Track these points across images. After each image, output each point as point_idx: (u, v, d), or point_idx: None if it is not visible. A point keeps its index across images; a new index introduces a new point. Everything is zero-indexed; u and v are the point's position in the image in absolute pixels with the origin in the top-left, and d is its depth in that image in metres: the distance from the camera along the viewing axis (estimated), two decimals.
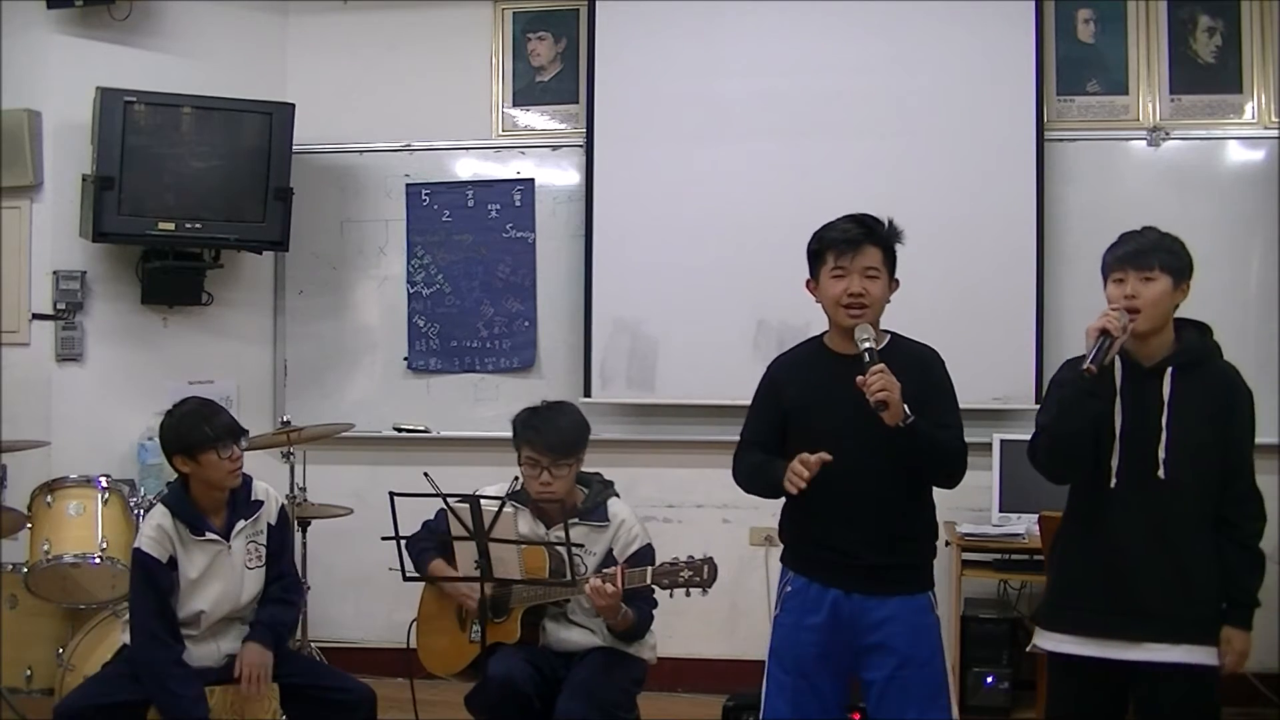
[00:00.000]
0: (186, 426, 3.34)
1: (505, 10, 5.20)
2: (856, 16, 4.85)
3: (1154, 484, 2.67)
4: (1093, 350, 2.61)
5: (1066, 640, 2.75)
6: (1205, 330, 2.79)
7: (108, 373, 4.93)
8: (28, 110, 4.72)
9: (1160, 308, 2.69)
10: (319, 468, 4.69)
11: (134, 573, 3.36)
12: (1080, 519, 2.79)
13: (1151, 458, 2.67)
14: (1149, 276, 2.67)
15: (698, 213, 4.90)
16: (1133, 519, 2.68)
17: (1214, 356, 2.77)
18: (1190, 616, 2.66)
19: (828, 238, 2.84)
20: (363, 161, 5.22)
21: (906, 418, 2.66)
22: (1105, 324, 2.63)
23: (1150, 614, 2.65)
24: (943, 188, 4.72)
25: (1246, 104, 4.76)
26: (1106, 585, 2.69)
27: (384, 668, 4.42)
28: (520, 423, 3.49)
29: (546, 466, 3.40)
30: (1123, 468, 2.69)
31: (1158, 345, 2.72)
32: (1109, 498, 2.70)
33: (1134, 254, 2.70)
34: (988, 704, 4.37)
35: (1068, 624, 2.75)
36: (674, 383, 4.94)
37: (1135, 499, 2.68)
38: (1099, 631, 2.69)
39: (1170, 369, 2.70)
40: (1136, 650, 2.66)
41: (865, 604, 2.79)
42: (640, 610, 3.38)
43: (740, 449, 2.97)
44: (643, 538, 3.48)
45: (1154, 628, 2.65)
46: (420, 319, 5.20)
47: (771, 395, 2.93)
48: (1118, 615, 2.67)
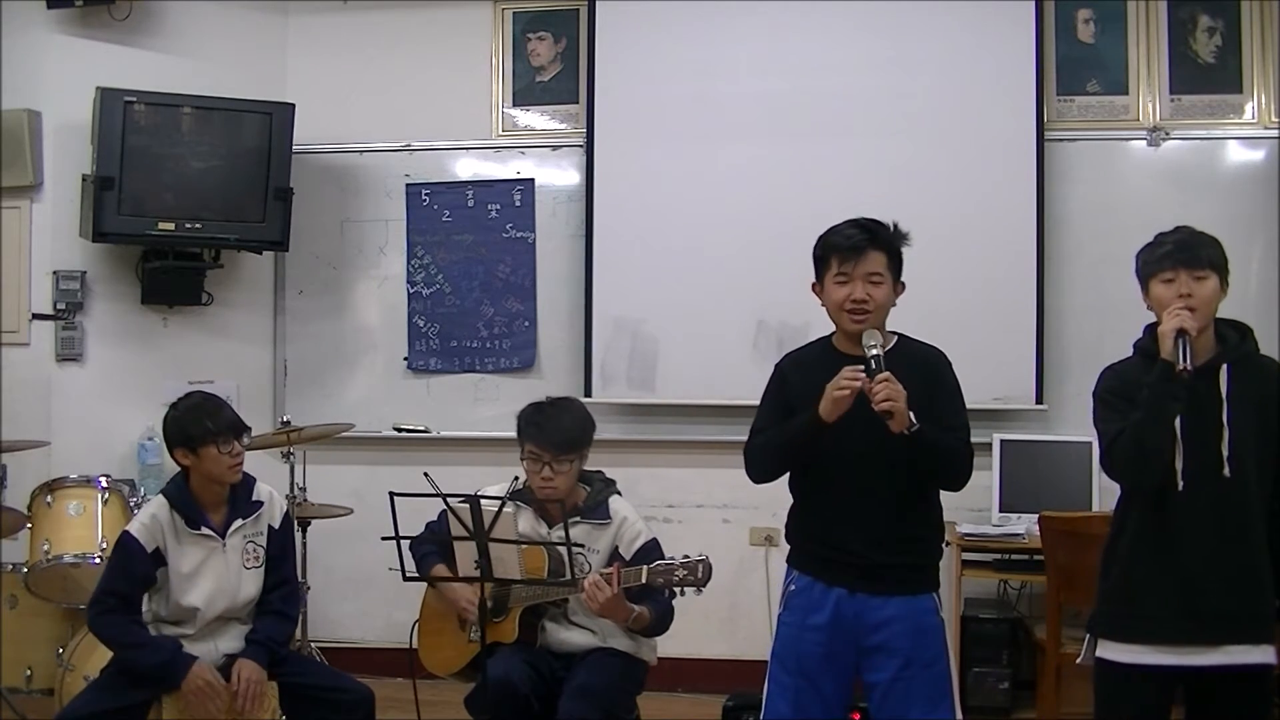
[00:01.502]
0: (189, 419, 3.35)
1: (505, 10, 5.20)
2: (857, 16, 4.85)
3: (1220, 482, 2.62)
4: (1181, 351, 2.55)
5: (1137, 650, 2.67)
6: (1244, 329, 2.76)
7: (108, 373, 4.93)
8: (28, 110, 4.73)
9: (1212, 306, 2.65)
10: (319, 468, 4.69)
11: (114, 551, 3.38)
12: (1144, 525, 2.70)
13: (1216, 456, 2.62)
14: (1200, 274, 2.63)
15: (698, 213, 4.91)
16: (1201, 520, 2.62)
17: (1257, 353, 2.74)
18: (1260, 614, 2.62)
19: (831, 242, 2.83)
20: (363, 161, 5.22)
21: (911, 425, 2.65)
22: (1181, 323, 2.57)
23: (1222, 616, 2.60)
24: (943, 188, 4.72)
25: (1246, 104, 4.76)
26: (1178, 590, 2.63)
27: (383, 668, 4.43)
28: (524, 419, 3.49)
29: (548, 462, 3.40)
30: (1188, 469, 2.63)
31: (1203, 344, 2.67)
32: (1175, 501, 2.64)
33: (1182, 250, 2.65)
34: (988, 704, 4.37)
35: (1137, 633, 2.67)
36: (674, 383, 4.94)
37: (1202, 499, 2.62)
38: (1171, 638, 2.63)
39: (1226, 365, 2.66)
40: (1211, 655, 2.60)
41: (869, 603, 2.79)
42: (657, 604, 3.35)
43: (752, 437, 2.94)
44: (646, 534, 3.47)
45: (1227, 630, 2.60)
46: (420, 319, 5.20)
47: (780, 389, 2.92)
48: (1191, 620, 2.61)
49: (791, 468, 2.88)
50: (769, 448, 2.88)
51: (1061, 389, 4.66)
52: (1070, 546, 3.83)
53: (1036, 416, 4.71)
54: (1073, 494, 4.35)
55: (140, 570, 3.32)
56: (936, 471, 2.80)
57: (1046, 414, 4.69)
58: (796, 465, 2.87)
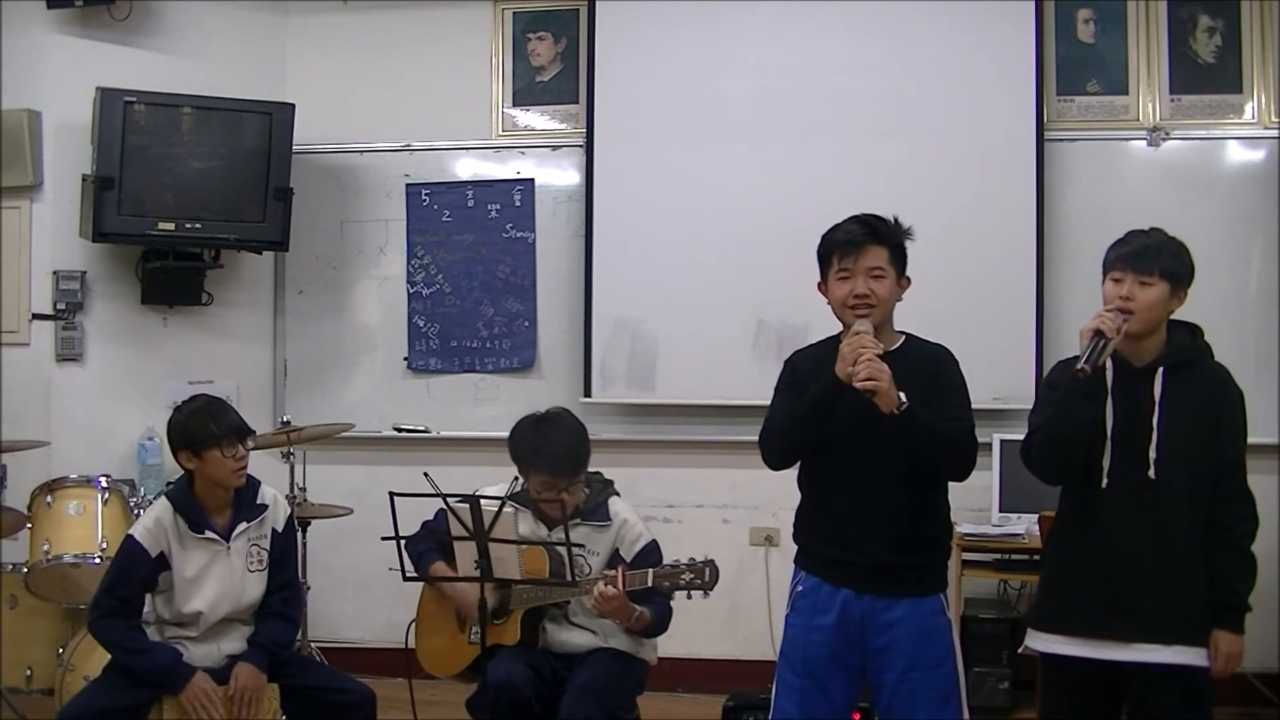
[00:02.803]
0: (193, 423, 3.34)
1: (505, 10, 5.20)
2: (856, 16, 4.85)
3: (1145, 484, 2.65)
4: (1086, 351, 2.60)
5: (1058, 641, 2.74)
6: (1196, 331, 2.78)
7: (108, 373, 4.93)
8: (28, 110, 4.72)
9: (1154, 313, 2.67)
10: (319, 468, 4.69)
11: (118, 554, 3.38)
12: (1071, 519, 2.78)
13: (1142, 458, 2.66)
14: (1146, 281, 2.65)
15: (698, 212, 4.91)
16: (1124, 519, 2.67)
17: (1204, 357, 2.76)
18: (1182, 617, 2.64)
19: (832, 240, 2.83)
20: (363, 161, 5.22)
21: (901, 405, 2.65)
22: (1099, 325, 2.62)
23: (1141, 614, 2.64)
24: (942, 188, 4.72)
25: (1246, 104, 4.76)
26: (1098, 585, 2.68)
27: (384, 668, 4.42)
28: (523, 446, 3.43)
29: (564, 488, 3.38)
30: (1114, 468, 2.68)
31: (1149, 346, 2.71)
32: (1100, 498, 2.69)
33: (1135, 256, 2.68)
34: (988, 704, 4.37)
35: (1059, 624, 2.74)
36: (674, 383, 4.94)
37: (1126, 499, 2.67)
38: (1090, 632, 2.68)
39: (1161, 369, 2.69)
40: (1127, 650, 2.64)
41: (876, 605, 2.78)
42: (658, 606, 3.35)
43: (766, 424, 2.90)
44: (646, 535, 3.47)
45: (1145, 628, 2.64)
46: (420, 319, 5.20)
47: (793, 379, 2.90)
48: (1108, 615, 2.66)
49: (810, 441, 2.81)
50: (786, 424, 2.83)
51: None
52: None
53: None
54: None
55: (142, 573, 3.31)
56: (936, 458, 2.78)
57: None
58: (814, 438, 2.80)
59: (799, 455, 2.87)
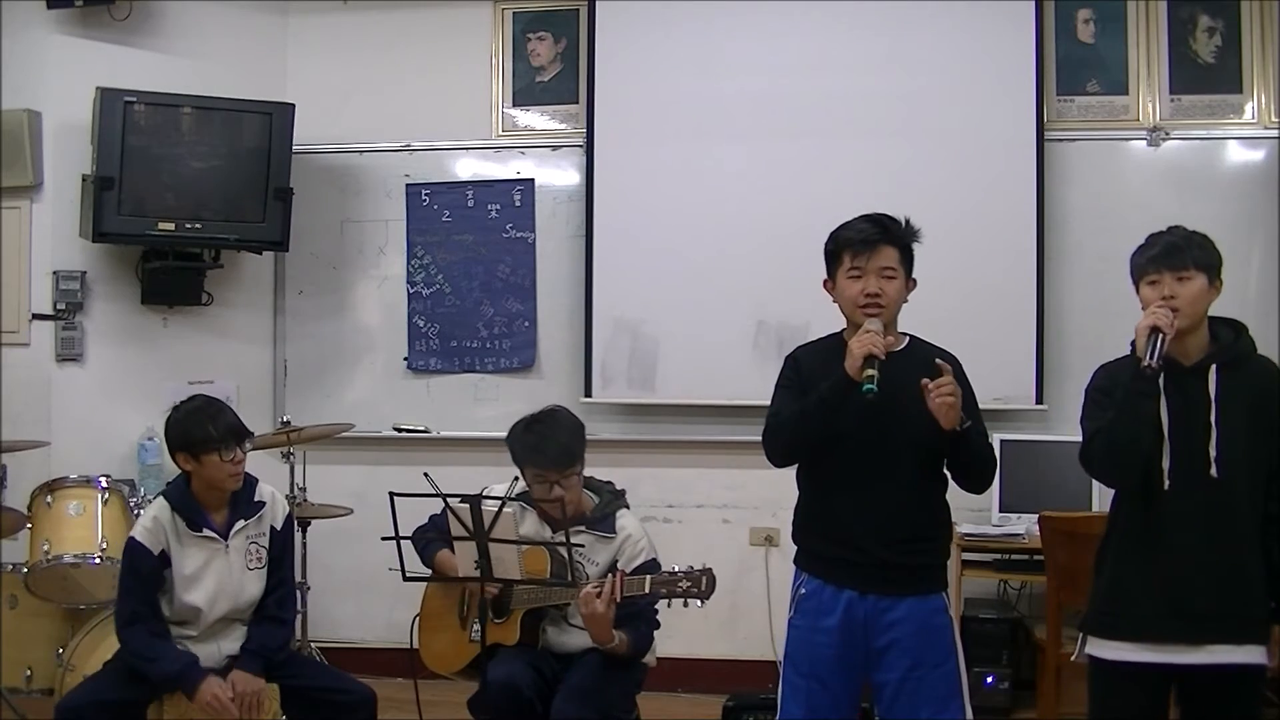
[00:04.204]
0: (191, 425, 3.34)
1: (505, 10, 5.20)
2: (856, 16, 4.85)
3: (1207, 483, 2.63)
4: (1150, 347, 2.57)
5: (1124, 647, 2.69)
6: (1240, 327, 2.76)
7: (108, 373, 4.93)
8: (28, 110, 4.72)
9: (1198, 306, 2.66)
10: (319, 468, 4.69)
11: (123, 559, 3.40)
12: (1131, 524, 2.72)
13: (1203, 457, 2.63)
14: (1184, 275, 2.65)
15: (698, 213, 4.91)
16: (1187, 520, 2.64)
17: (1252, 353, 2.75)
18: (1247, 616, 2.63)
19: (844, 238, 2.82)
20: (363, 161, 5.22)
21: (964, 422, 2.66)
22: (1155, 320, 2.59)
23: (1209, 616, 2.61)
24: (943, 188, 4.71)
25: (1246, 104, 4.76)
26: (1164, 589, 2.64)
27: (384, 668, 4.43)
28: (518, 443, 3.44)
29: (555, 481, 3.38)
30: (1174, 469, 2.65)
31: (1194, 343, 2.69)
32: (1161, 500, 2.66)
33: (1165, 254, 2.67)
34: (988, 704, 4.37)
35: (1124, 631, 2.69)
36: (674, 383, 4.94)
37: (1189, 500, 2.64)
38: (1158, 637, 2.64)
39: (1214, 366, 2.67)
40: (1198, 654, 2.62)
41: (879, 605, 2.78)
42: (640, 635, 3.35)
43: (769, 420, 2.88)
44: (648, 552, 3.45)
45: (1213, 630, 2.61)
46: (420, 319, 5.20)
47: (796, 374, 2.89)
48: (1177, 619, 2.62)
49: (817, 439, 2.79)
50: (793, 420, 2.80)
51: (1061, 389, 4.66)
52: (1070, 546, 3.83)
53: (1036, 416, 4.71)
54: (1073, 494, 4.34)
55: (147, 569, 3.32)
56: (970, 472, 2.80)
57: (1046, 414, 4.69)
58: (820, 435, 2.78)
59: (804, 453, 2.86)
